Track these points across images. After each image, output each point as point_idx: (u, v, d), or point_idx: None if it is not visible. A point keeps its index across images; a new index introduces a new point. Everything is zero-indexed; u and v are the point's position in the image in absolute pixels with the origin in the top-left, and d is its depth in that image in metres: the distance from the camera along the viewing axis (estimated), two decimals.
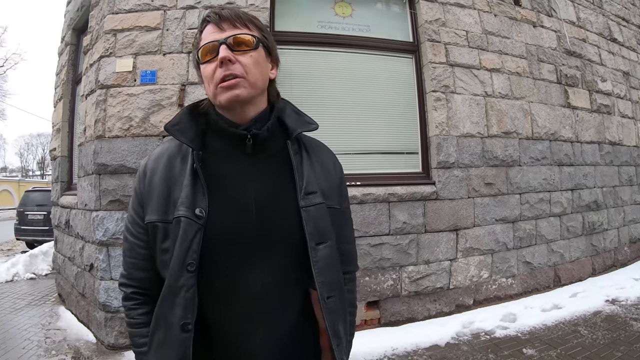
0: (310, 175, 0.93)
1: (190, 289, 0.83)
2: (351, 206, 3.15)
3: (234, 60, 0.84)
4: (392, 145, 3.68)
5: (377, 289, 3.37)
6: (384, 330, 3.30)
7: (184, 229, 0.83)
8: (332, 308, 0.90)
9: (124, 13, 3.42)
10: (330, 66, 3.67)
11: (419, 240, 3.46)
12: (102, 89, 3.49)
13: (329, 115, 3.58)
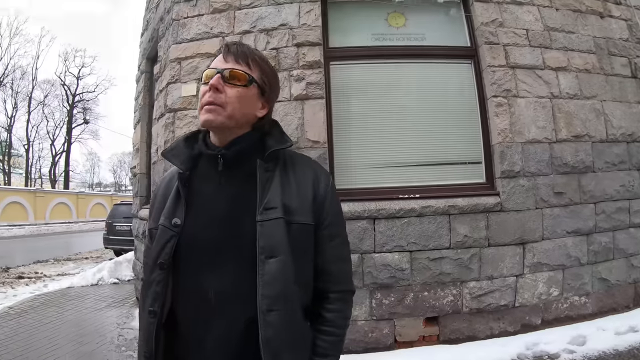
0: (275, 191, 1.01)
1: (159, 283, 1.00)
2: (409, 219, 3.16)
3: (222, 90, 0.99)
4: (452, 156, 3.62)
5: (436, 304, 3.33)
6: (441, 348, 3.26)
7: (160, 234, 1.02)
8: (273, 322, 0.94)
9: (186, 42, 3.69)
10: (387, 78, 3.70)
11: (481, 255, 3.36)
12: (170, 112, 3.77)
13: (388, 128, 3.62)
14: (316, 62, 3.48)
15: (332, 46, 3.69)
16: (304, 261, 1.02)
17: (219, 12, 3.62)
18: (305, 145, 3.46)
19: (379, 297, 3.36)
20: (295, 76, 3.48)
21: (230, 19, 3.60)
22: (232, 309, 0.97)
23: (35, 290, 6.62)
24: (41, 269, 8.96)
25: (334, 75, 3.66)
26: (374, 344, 3.35)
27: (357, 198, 3.48)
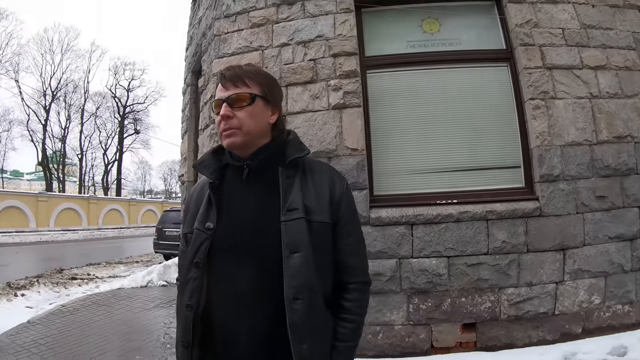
0: (296, 194, 1.15)
1: (195, 280, 1.15)
2: (447, 224, 3.23)
3: (232, 116, 1.15)
4: (490, 160, 3.65)
5: (473, 310, 3.37)
6: (478, 355, 3.30)
7: (195, 237, 1.18)
8: (298, 309, 1.08)
9: (228, 56, 3.87)
10: (423, 84, 3.77)
11: (520, 261, 3.37)
12: (214, 124, 3.94)
13: (425, 134, 3.71)
14: (352, 71, 3.58)
15: (368, 55, 3.79)
16: (324, 255, 1.15)
17: (258, 26, 3.79)
18: (344, 153, 3.57)
19: (417, 302, 3.44)
20: (333, 86, 3.60)
21: (269, 32, 3.76)
22: (260, 300, 1.11)
23: (87, 290, 7.12)
24: (93, 271, 9.54)
25: (371, 84, 3.76)
26: (410, 348, 3.43)
27: (395, 204, 3.57)
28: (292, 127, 3.62)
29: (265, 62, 3.78)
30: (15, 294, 6.55)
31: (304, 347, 1.08)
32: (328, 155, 3.59)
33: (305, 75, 3.67)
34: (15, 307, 5.89)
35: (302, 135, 3.57)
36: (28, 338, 4.40)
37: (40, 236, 23.69)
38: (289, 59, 3.72)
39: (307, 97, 3.68)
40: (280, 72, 3.73)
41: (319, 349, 1.12)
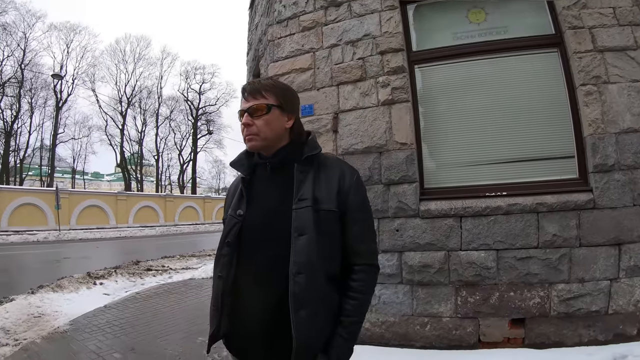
0: (307, 187, 1.41)
1: (226, 256, 1.46)
2: (496, 217, 3.25)
3: (251, 124, 1.44)
4: (541, 151, 3.61)
5: (522, 305, 3.38)
6: (525, 352, 3.29)
7: (228, 221, 1.51)
8: (299, 282, 1.33)
9: (282, 60, 4.24)
10: (471, 76, 3.83)
11: (571, 255, 3.32)
12: None
13: (474, 125, 3.79)
14: (399, 67, 3.77)
15: (415, 50, 3.96)
16: (329, 239, 1.39)
17: (308, 29, 4.15)
18: (393, 148, 3.76)
19: (465, 294, 3.50)
20: (381, 82, 3.81)
21: (319, 34, 4.09)
22: (275, 274, 1.37)
23: (161, 280, 8.01)
24: (167, 263, 10.54)
25: (419, 78, 3.93)
26: (457, 341, 3.51)
27: (444, 197, 3.68)
28: (344, 125, 3.90)
29: (317, 64, 4.10)
30: (94, 283, 7.57)
31: (302, 313, 1.31)
32: (378, 150, 3.80)
33: (355, 73, 3.92)
34: (93, 294, 6.84)
35: (354, 132, 3.83)
36: (103, 320, 5.20)
37: (119, 232, 26.72)
38: (338, 59, 4.00)
39: (357, 94, 3.92)
40: (331, 72, 4.03)
41: (315, 318, 1.34)
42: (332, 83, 4.05)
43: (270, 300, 1.37)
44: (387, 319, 3.74)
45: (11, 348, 4.29)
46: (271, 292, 1.37)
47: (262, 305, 1.38)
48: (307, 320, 1.32)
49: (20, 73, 36.63)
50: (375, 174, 3.82)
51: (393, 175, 3.75)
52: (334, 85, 4.04)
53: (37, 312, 5.55)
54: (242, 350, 1.48)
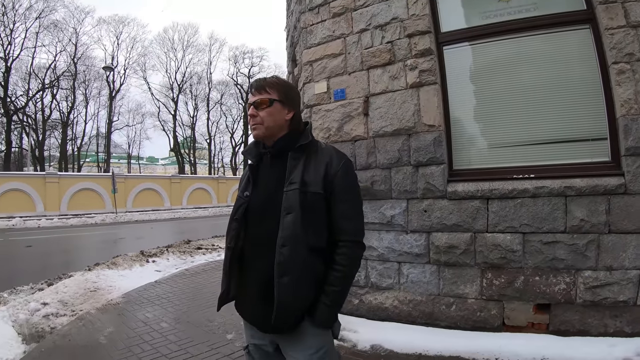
0: (298, 172, 1.67)
1: (234, 230, 1.75)
2: (523, 200, 3.33)
3: (256, 115, 1.72)
4: (571, 132, 3.59)
5: (547, 290, 3.45)
6: (548, 338, 3.34)
7: (237, 201, 1.80)
8: (284, 253, 1.59)
9: (314, 46, 4.48)
10: (500, 55, 3.87)
11: (600, 242, 3.30)
12: (308, 108, 4.60)
13: (502, 106, 3.84)
14: (427, 49, 3.89)
15: (443, 31, 4.02)
16: (313, 217, 1.63)
17: (338, 15, 4.35)
18: (421, 130, 3.92)
19: (490, 277, 3.63)
20: (409, 65, 3.95)
21: (349, 20, 4.28)
22: (270, 247, 1.62)
23: (210, 258, 8.75)
24: (217, 242, 11.26)
25: (448, 59, 4.02)
26: (481, 323, 3.65)
27: (471, 178, 3.80)
28: (374, 108, 4.08)
29: (348, 49, 4.30)
30: (147, 260, 8.37)
31: (284, 280, 1.58)
32: (407, 133, 3.97)
33: (384, 57, 4.08)
34: (146, 271, 7.58)
35: (384, 115, 4.01)
36: (153, 293, 5.86)
37: (173, 213, 28.75)
38: (368, 43, 4.17)
39: (386, 78, 4.08)
40: (362, 56, 4.22)
41: (296, 284, 1.59)
42: (362, 67, 4.23)
43: (264, 269, 1.62)
44: (415, 297, 3.93)
45: (68, 318, 4.92)
46: (265, 262, 1.62)
47: (258, 273, 1.67)
48: (289, 286, 1.58)
49: (74, 66, 39.71)
50: (405, 156, 3.99)
51: (421, 157, 3.91)
52: (364, 70, 4.22)
53: (92, 287, 6.25)
54: (245, 309, 1.77)
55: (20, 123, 37.93)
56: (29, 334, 4.42)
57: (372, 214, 4.19)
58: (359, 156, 4.28)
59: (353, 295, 4.26)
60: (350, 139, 4.33)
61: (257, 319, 1.70)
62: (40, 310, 5.02)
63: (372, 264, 4.23)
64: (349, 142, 4.33)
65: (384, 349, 3.58)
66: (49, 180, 27.07)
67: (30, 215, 24.65)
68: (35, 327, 4.59)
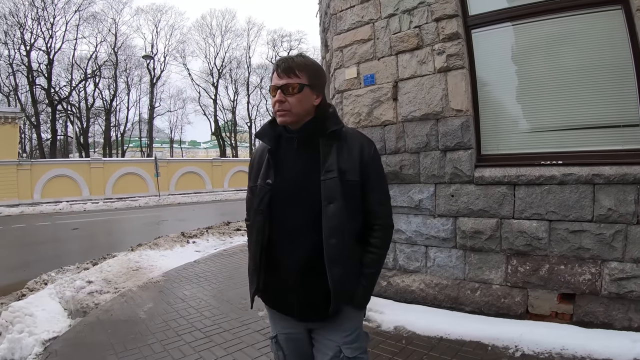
0: (332, 159, 1.65)
1: (260, 223, 1.71)
2: (550, 187, 3.42)
3: (284, 100, 1.64)
4: (601, 118, 3.56)
5: (571, 280, 3.50)
6: (571, 329, 3.40)
7: (259, 190, 1.72)
8: (332, 244, 1.60)
9: (344, 32, 4.69)
10: (528, 38, 3.89)
11: (627, 232, 3.27)
12: (339, 94, 4.81)
13: (530, 91, 3.90)
14: (454, 33, 3.98)
15: (472, 14, 4.08)
16: (353, 205, 1.66)
17: (367, 1, 4.53)
18: (449, 115, 4.05)
19: (515, 263, 3.75)
20: (437, 50, 4.07)
21: (377, 5, 4.44)
22: (302, 237, 1.64)
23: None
24: None
25: (476, 43, 4.10)
26: (505, 309, 3.79)
27: (498, 164, 3.90)
28: (402, 93, 4.24)
29: (377, 34, 4.46)
30: (187, 241, 9.03)
31: (335, 271, 1.61)
32: (435, 117, 4.12)
33: (412, 42, 4.22)
34: (186, 251, 8.19)
35: (412, 99, 4.17)
36: (191, 272, 6.38)
37: (215, 196, 30.45)
38: (396, 28, 4.31)
39: (414, 63, 4.22)
40: (390, 41, 4.37)
41: (347, 272, 1.64)
42: (391, 52, 4.38)
43: (301, 255, 1.64)
44: (441, 281, 4.11)
45: (111, 295, 5.45)
46: (302, 248, 1.64)
47: (295, 259, 1.65)
48: (342, 276, 1.62)
49: (114, 56, 42.91)
50: (433, 141, 4.14)
51: (449, 141, 4.04)
52: (393, 55, 4.37)
53: (135, 266, 6.83)
54: (279, 300, 1.76)
55: (64, 112, 40.95)
56: (74, 310, 4.96)
57: (400, 197, 4.38)
58: (388, 141, 4.47)
59: (381, 277, 4.48)
60: (380, 123, 4.51)
61: (294, 308, 1.70)
62: (85, 288, 5.58)
63: (400, 247, 4.44)
64: (379, 126, 4.52)
65: (406, 331, 3.79)
66: (93, 165, 29.35)
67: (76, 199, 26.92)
68: (80, 303, 5.14)
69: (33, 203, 25.31)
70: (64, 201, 25.28)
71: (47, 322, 4.36)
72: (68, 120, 42.55)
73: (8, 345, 3.71)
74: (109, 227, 14.87)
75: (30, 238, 12.33)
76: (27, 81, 37.57)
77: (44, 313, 4.57)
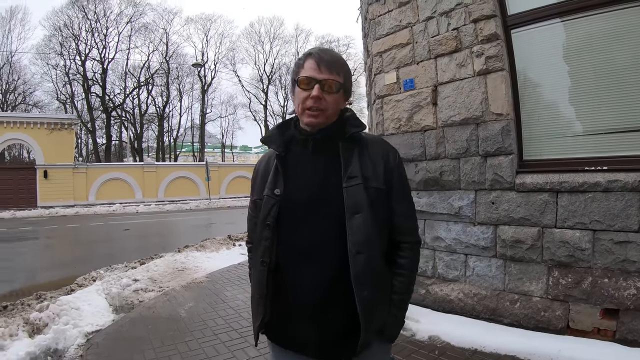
0: (355, 164, 1.50)
1: (267, 239, 1.52)
2: (594, 194, 3.38)
3: (321, 97, 1.47)
4: None
5: (615, 295, 3.40)
6: (612, 347, 3.30)
7: (265, 202, 1.54)
8: (360, 261, 1.42)
9: (383, 37, 4.87)
10: (571, 37, 3.82)
11: None
12: (379, 99, 4.98)
13: (574, 92, 3.84)
14: (493, 34, 4.02)
15: (511, 13, 4.06)
16: (381, 216, 1.50)
17: (404, 4, 4.65)
18: (489, 119, 4.09)
19: (556, 275, 3.72)
20: (476, 52, 4.13)
21: (414, 8, 4.55)
22: (322, 254, 1.46)
23: None
24: None
25: (517, 44, 4.08)
26: (544, 323, 3.76)
27: (540, 170, 3.88)
28: (442, 97, 4.34)
29: (415, 38, 4.59)
30: (233, 244, 9.58)
31: (365, 294, 1.42)
32: (475, 122, 4.18)
33: (450, 45, 4.29)
34: (231, 254, 8.64)
35: (452, 104, 4.26)
36: (234, 274, 6.76)
37: None
38: (434, 31, 4.40)
39: (453, 66, 4.30)
40: (429, 45, 4.48)
41: (377, 297, 1.48)
42: (429, 56, 4.48)
43: (320, 279, 1.45)
44: (479, 291, 4.15)
45: (155, 293, 5.86)
46: (320, 270, 1.45)
47: (313, 284, 1.45)
48: (371, 300, 1.44)
49: (166, 64, 46.22)
50: (473, 146, 4.19)
51: (489, 147, 4.08)
52: (431, 58, 4.47)
53: (180, 267, 7.28)
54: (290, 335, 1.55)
55: (119, 118, 44.36)
56: (119, 305, 5.41)
57: (440, 204, 4.46)
58: (428, 146, 4.56)
59: (420, 285, 4.58)
60: (420, 129, 4.61)
61: (310, 346, 1.49)
62: (131, 286, 6.07)
63: (439, 254, 4.51)
64: (419, 132, 4.62)
65: (440, 341, 3.86)
66: (146, 169, 31.57)
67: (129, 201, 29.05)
68: (125, 300, 5.60)
69: (88, 204, 27.54)
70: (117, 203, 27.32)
71: (92, 316, 4.80)
72: (122, 126, 46.20)
73: (53, 335, 4.14)
74: (159, 228, 15.75)
75: (83, 237, 13.42)
76: (82, 89, 41.18)
77: (90, 307, 5.04)
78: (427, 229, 4.60)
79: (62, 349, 4.04)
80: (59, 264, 8.85)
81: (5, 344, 3.93)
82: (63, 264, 8.84)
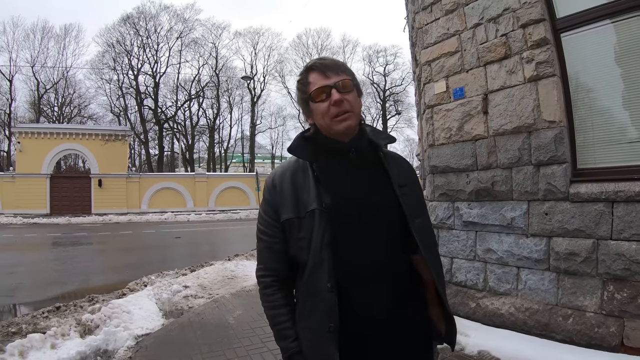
0: (399, 173, 1.55)
1: (327, 261, 1.38)
2: (633, 204, 3.38)
3: (344, 99, 1.45)
4: None
5: None
6: None
7: (319, 217, 1.41)
8: (435, 263, 1.51)
9: (431, 46, 5.07)
10: (627, 37, 3.79)
11: None
12: (429, 109, 5.18)
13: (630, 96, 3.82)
14: (542, 39, 4.09)
15: (560, 17, 4.09)
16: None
17: (451, 12, 4.82)
18: (542, 127, 4.17)
19: (612, 289, 3.72)
20: (526, 58, 4.23)
21: (461, 16, 4.71)
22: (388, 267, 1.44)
23: None
24: None
25: (567, 48, 4.11)
26: (598, 340, 3.75)
27: (595, 179, 3.89)
28: (493, 105, 4.49)
29: (463, 45, 4.75)
30: None
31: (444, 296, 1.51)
32: (527, 130, 4.27)
33: (499, 51, 4.42)
34: None
35: (503, 112, 4.40)
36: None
37: None
38: (482, 38, 4.54)
39: (503, 73, 4.42)
40: (477, 52, 4.62)
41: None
42: (479, 64, 4.63)
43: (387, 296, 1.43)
44: (532, 305, 4.21)
45: (205, 300, 6.30)
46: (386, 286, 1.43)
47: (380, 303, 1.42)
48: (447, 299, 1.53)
49: (216, 77, 49.46)
50: (525, 155, 4.29)
51: (542, 155, 4.16)
52: (481, 66, 4.62)
53: (230, 275, 7.74)
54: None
55: (171, 130, 47.57)
56: (169, 311, 5.88)
57: (492, 215, 4.57)
58: (479, 156, 4.69)
59: (470, 298, 4.69)
60: (471, 138, 4.75)
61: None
62: (181, 292, 6.56)
63: (491, 267, 4.61)
64: (470, 141, 4.76)
65: (490, 356, 3.96)
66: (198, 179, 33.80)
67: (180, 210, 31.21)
68: (175, 306, 6.07)
69: (140, 212, 29.75)
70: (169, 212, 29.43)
71: (142, 320, 5.25)
72: (174, 137, 49.26)
73: (104, 337, 4.60)
74: (209, 237, 16.69)
75: (135, 244, 14.44)
76: (135, 102, 44.52)
77: (141, 311, 5.51)
78: (479, 240, 4.71)
79: (112, 350, 4.47)
80: (111, 268, 9.64)
81: (57, 342, 4.43)
82: (115, 268, 9.60)
